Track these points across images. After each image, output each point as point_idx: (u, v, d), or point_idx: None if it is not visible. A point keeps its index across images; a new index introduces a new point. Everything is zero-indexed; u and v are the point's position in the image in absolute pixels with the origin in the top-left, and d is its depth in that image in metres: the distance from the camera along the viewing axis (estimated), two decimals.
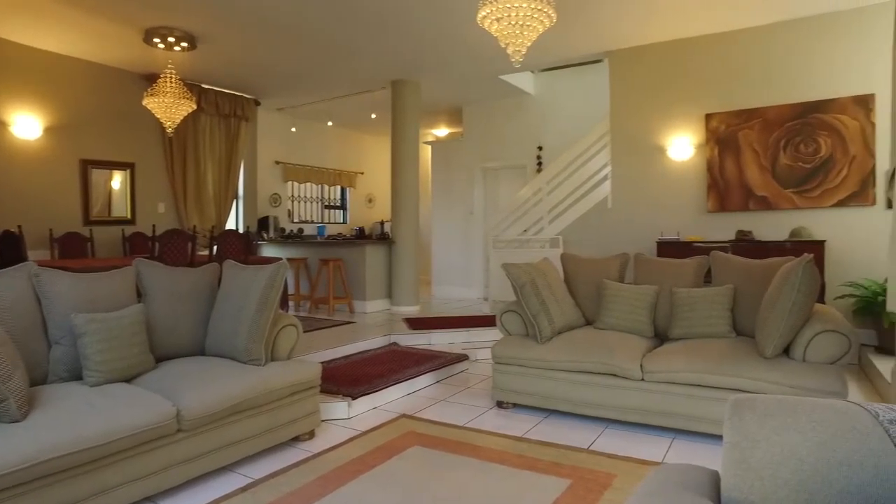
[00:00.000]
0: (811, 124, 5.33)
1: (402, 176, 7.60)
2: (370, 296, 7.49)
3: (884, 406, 1.47)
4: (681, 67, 6.06)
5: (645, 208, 6.26)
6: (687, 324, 3.68)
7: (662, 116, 6.16)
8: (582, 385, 3.57)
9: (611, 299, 3.96)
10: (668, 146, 6.12)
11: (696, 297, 3.71)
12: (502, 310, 4.11)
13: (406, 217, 7.61)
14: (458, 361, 4.95)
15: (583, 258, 4.41)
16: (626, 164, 6.38)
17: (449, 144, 9.70)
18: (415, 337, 5.75)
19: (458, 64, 6.93)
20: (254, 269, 3.15)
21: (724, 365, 3.16)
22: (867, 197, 5.15)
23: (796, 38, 5.49)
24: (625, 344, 3.57)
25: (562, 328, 3.89)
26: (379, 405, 3.94)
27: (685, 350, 3.39)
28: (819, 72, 5.39)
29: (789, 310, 3.05)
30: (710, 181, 5.84)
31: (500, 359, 3.87)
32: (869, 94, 5.14)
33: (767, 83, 5.61)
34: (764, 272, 3.64)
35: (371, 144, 11.85)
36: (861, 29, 5.22)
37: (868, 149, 5.14)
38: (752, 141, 5.60)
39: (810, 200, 5.36)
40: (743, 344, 3.39)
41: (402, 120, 7.61)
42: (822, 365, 3.07)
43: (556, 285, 4.06)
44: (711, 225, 5.88)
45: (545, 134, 8.42)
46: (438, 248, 9.58)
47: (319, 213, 10.88)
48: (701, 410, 3.21)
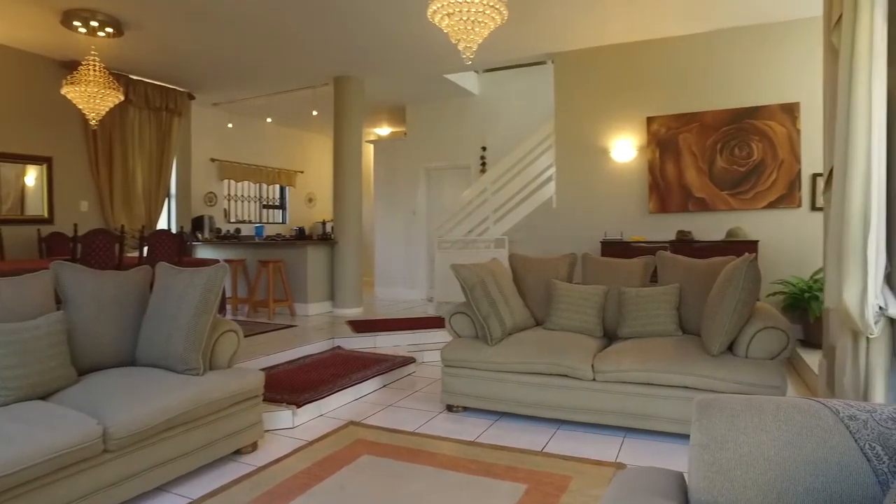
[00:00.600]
0: (745, 129, 5.56)
1: (345, 175, 7.42)
2: (312, 298, 7.26)
3: (842, 402, 1.48)
4: (624, 71, 6.18)
5: (589, 209, 6.35)
6: (635, 323, 3.72)
7: (606, 119, 6.26)
8: (533, 387, 3.54)
9: (560, 300, 3.96)
10: (611, 148, 6.23)
11: (644, 296, 3.76)
12: (451, 311, 4.03)
13: (349, 217, 7.42)
14: (405, 364, 4.85)
15: (531, 258, 4.39)
16: (570, 165, 6.45)
17: (392, 144, 9.57)
18: (359, 340, 5.59)
19: (404, 62, 6.82)
20: (190, 272, 2.92)
21: (672, 363, 3.21)
22: (794, 199, 5.42)
23: (732, 46, 5.71)
24: (576, 344, 3.57)
25: (512, 329, 3.85)
26: (325, 412, 3.78)
27: (634, 349, 3.42)
28: (751, 79, 5.63)
29: (734, 308, 3.13)
30: (652, 182, 5.99)
31: (450, 362, 3.79)
32: (795, 103, 5.42)
33: (705, 89, 5.81)
34: (707, 271, 3.73)
35: (312, 143, 11.54)
36: (789, 41, 5.49)
37: (794, 154, 5.41)
38: (690, 144, 5.79)
39: (744, 202, 5.59)
40: (689, 342, 3.45)
41: (345, 118, 7.42)
42: (763, 360, 3.17)
43: (505, 286, 4.02)
44: (653, 225, 6.02)
45: (489, 134, 8.43)
46: (381, 249, 9.43)
47: (257, 213, 10.48)
48: (651, 409, 3.24)
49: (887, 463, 1.35)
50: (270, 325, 6.31)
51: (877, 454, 1.36)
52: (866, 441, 1.38)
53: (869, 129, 2.38)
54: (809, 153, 5.35)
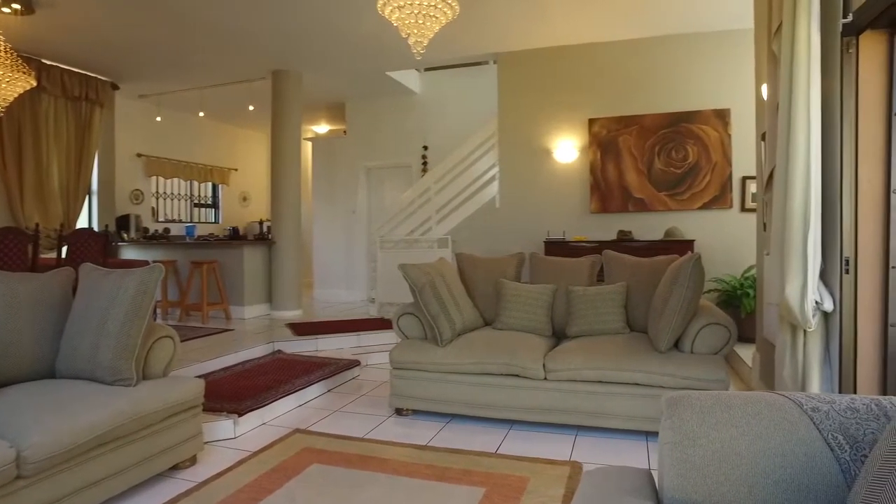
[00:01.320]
0: (681, 133, 5.77)
1: (283, 173, 7.16)
2: (249, 300, 6.95)
3: (804, 395, 1.51)
4: (567, 73, 6.27)
5: (532, 209, 6.40)
6: (584, 321, 3.75)
7: (549, 119, 6.34)
8: (485, 387, 3.50)
9: (509, 299, 3.95)
10: (554, 148, 6.31)
11: (592, 295, 3.80)
12: (399, 313, 3.94)
13: (287, 216, 7.17)
14: (350, 367, 4.71)
15: (479, 258, 4.36)
16: (513, 165, 6.49)
17: (331, 141, 9.35)
18: (301, 343, 5.39)
19: (345, 57, 6.65)
20: (120, 273, 2.69)
21: (622, 361, 3.25)
22: (726, 201, 5.68)
23: (670, 53, 5.92)
24: (526, 344, 3.55)
25: (462, 330, 3.80)
26: (268, 420, 3.59)
27: (584, 348, 3.44)
28: (687, 85, 5.86)
29: (680, 306, 3.21)
30: (593, 183, 6.11)
31: (399, 364, 3.70)
32: (726, 109, 5.70)
33: (644, 93, 5.99)
34: (652, 270, 3.82)
35: (247, 139, 11.09)
36: (722, 50, 5.75)
37: (726, 157, 5.67)
38: (630, 146, 5.95)
39: (681, 203, 5.80)
40: (637, 339, 3.51)
41: (283, 113, 7.16)
42: (707, 356, 3.26)
43: (454, 286, 3.96)
44: (595, 225, 6.14)
45: (431, 133, 8.37)
46: (320, 249, 9.20)
47: (188, 212, 9.97)
48: (602, 406, 3.27)
49: (849, 452, 1.38)
50: (205, 329, 5.98)
51: (839, 444, 1.39)
52: (829, 431, 1.41)
53: (808, 132, 2.49)
54: (739, 157, 5.61)
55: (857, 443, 1.38)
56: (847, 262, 2.56)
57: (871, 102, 2.53)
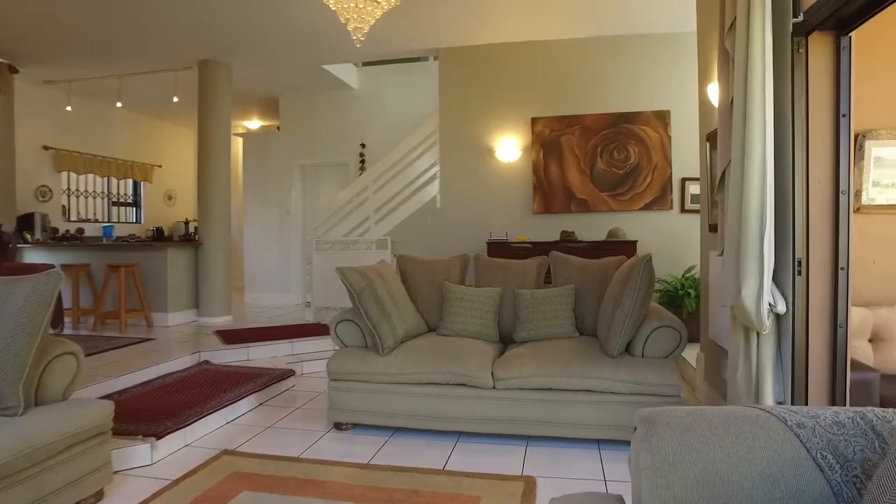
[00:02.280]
0: (623, 133, 5.78)
1: (211, 170, 6.70)
2: (173, 307, 6.45)
3: (786, 409, 1.40)
4: (510, 71, 6.17)
5: (474, 209, 6.27)
6: (532, 326, 3.62)
7: (491, 117, 6.22)
8: (430, 398, 3.30)
9: (454, 303, 3.76)
10: (496, 147, 6.20)
11: (540, 298, 3.68)
12: (337, 319, 3.67)
13: (216, 216, 6.71)
14: (284, 378, 4.39)
15: (421, 259, 4.16)
16: (454, 163, 6.34)
17: (263, 138, 8.92)
18: (230, 352, 5.01)
19: (278, 48, 6.28)
20: (6, 282, 2.29)
21: (574, 367, 3.13)
22: (667, 202, 5.74)
23: (612, 53, 5.92)
24: (473, 350, 3.38)
25: (404, 337, 3.59)
26: (192, 441, 3.25)
27: (533, 353, 3.30)
28: (629, 86, 5.88)
29: (631, 309, 3.12)
30: (536, 183, 6.03)
31: (337, 375, 3.44)
32: (666, 110, 5.75)
33: (587, 92, 5.97)
34: (601, 271, 3.73)
35: (172, 134, 10.40)
36: (662, 52, 5.80)
37: (666, 159, 5.72)
38: (573, 146, 5.91)
39: (623, 203, 5.81)
40: (587, 343, 3.41)
41: (210, 106, 6.70)
42: (659, 359, 3.19)
43: (396, 290, 3.74)
44: (538, 225, 6.07)
45: (369, 131, 8.12)
46: (252, 251, 8.74)
47: (105, 211, 9.22)
48: (552, 414, 3.14)
49: (839, 472, 1.27)
50: (122, 339, 5.47)
51: (829, 464, 1.28)
52: (817, 450, 1.30)
53: (764, 131, 2.43)
54: (679, 158, 5.68)
55: (847, 462, 1.27)
56: (799, 263, 2.52)
57: (820, 103, 2.50)
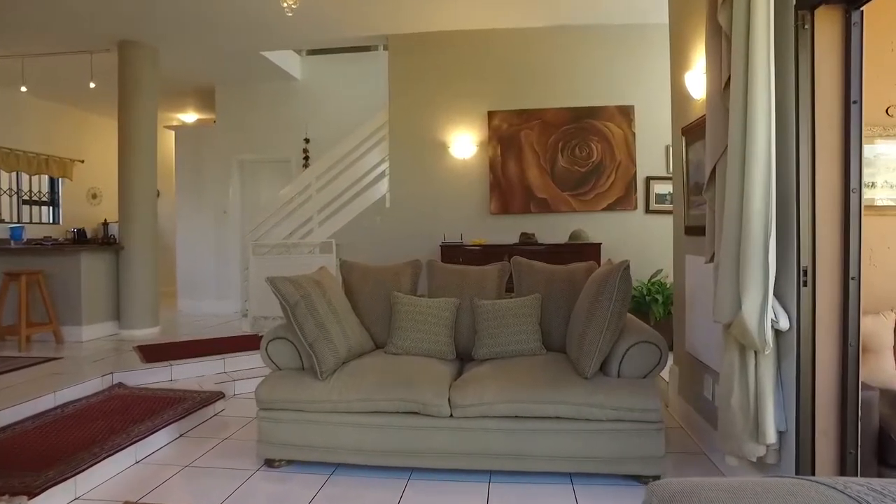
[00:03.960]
0: (585, 129, 5.47)
1: (135, 166, 6.00)
2: (89, 318, 5.72)
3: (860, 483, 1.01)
4: (465, 60, 5.79)
5: (426, 209, 5.87)
6: (493, 342, 3.19)
7: (444, 111, 5.83)
8: (378, 429, 2.83)
9: (404, 317, 3.30)
10: (450, 143, 5.82)
11: (502, 309, 3.25)
12: (268, 337, 3.15)
13: (140, 217, 6.02)
14: (211, 402, 3.83)
15: (367, 266, 3.68)
16: (404, 160, 5.91)
17: (198, 131, 8.22)
18: (150, 372, 4.38)
19: (209, 30, 5.65)
20: None
21: (542, 391, 2.72)
22: (631, 202, 5.46)
23: (574, 44, 5.60)
24: (426, 372, 2.93)
25: (347, 357, 3.10)
26: (84, 493, 2.66)
27: (496, 375, 2.88)
28: (592, 79, 5.58)
29: (607, 323, 2.73)
30: (493, 181, 5.66)
31: (268, 403, 2.93)
32: (630, 106, 5.50)
33: (547, 85, 5.63)
34: (569, 279, 3.35)
35: (96, 126, 9.49)
36: (627, 44, 5.52)
37: (631, 157, 5.44)
38: (532, 142, 5.56)
39: (585, 203, 5.50)
40: (557, 362, 3.00)
41: (133, 95, 6.00)
42: (637, 380, 2.82)
43: (337, 302, 3.25)
44: (495, 227, 5.72)
45: (314, 125, 7.55)
46: (186, 254, 8.03)
47: (15, 211, 8.28)
48: (518, 445, 2.73)
49: None
50: (21, 359, 4.74)
51: None
52: None
53: (769, 118, 2.08)
54: (643, 156, 5.44)
55: None
56: (805, 272, 2.18)
57: (828, 88, 2.17)
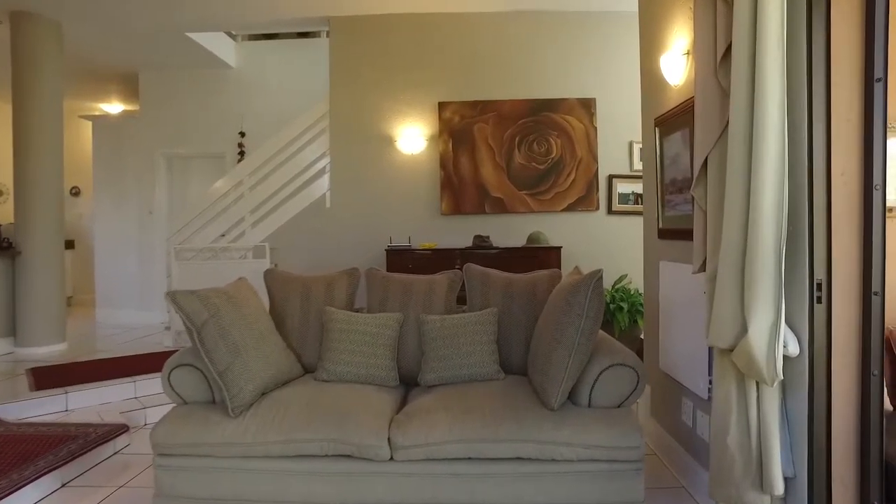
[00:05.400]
0: (543, 123, 5.19)
1: (34, 159, 5.25)
2: None
3: None
4: (414, 47, 5.39)
5: (371, 209, 5.45)
6: (443, 365, 2.71)
7: (391, 101, 5.41)
8: (303, 477, 2.32)
9: (338, 336, 2.78)
10: (397, 136, 5.41)
11: (453, 326, 2.78)
12: (172, 364, 2.57)
13: (42, 218, 5.26)
14: (110, 438, 3.21)
15: (296, 276, 3.14)
16: (347, 155, 5.47)
17: (120, 122, 7.50)
18: (39, 402, 3.70)
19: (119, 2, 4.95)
20: None
21: (501, 426, 2.26)
22: (592, 202, 5.19)
23: (531, 31, 5.28)
24: (363, 404, 2.43)
25: (268, 386, 2.56)
26: None
27: (446, 406, 2.40)
28: (551, 69, 5.27)
29: (576, 344, 2.30)
30: (444, 179, 5.26)
31: (168, 448, 2.37)
32: (591, 98, 5.25)
33: (503, 75, 5.32)
34: (530, 289, 2.90)
35: None
36: (588, 32, 5.23)
37: (592, 153, 5.16)
38: (487, 136, 5.21)
39: (544, 204, 5.20)
40: (517, 389, 2.55)
41: (31, 76, 5.25)
42: (612, 411, 2.39)
43: (256, 319, 2.70)
44: (447, 229, 5.35)
45: (250, 118, 6.97)
46: (104, 259, 7.29)
47: None
48: (472, 493, 2.27)
49: None
50: None
51: None
52: None
53: (782, 93, 1.68)
54: (605, 153, 5.18)
55: None
56: (819, 286, 1.79)
57: (845, 62, 1.79)
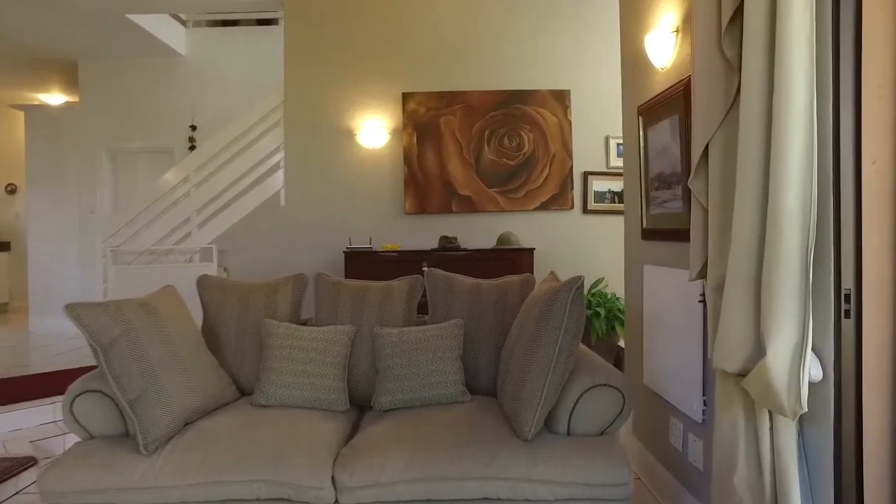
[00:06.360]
0: (515, 116, 4.94)
1: None
2: None
3: None
4: (376, 33, 5.08)
5: (329, 207, 5.11)
6: (400, 385, 2.34)
7: (351, 92, 5.08)
8: None
9: (279, 352, 2.39)
10: (357, 129, 5.07)
11: (413, 340, 2.41)
12: (75, 391, 2.15)
13: None
14: (12, 474, 2.76)
15: (234, 283, 2.73)
16: (303, 149, 5.12)
17: (57, 114, 6.96)
18: None
19: None
20: None
21: (465, 461, 1.92)
22: (566, 201, 4.98)
23: (501, 17, 5.04)
24: (304, 434, 2.07)
25: (191, 415, 2.16)
26: None
27: (402, 436, 2.04)
28: (523, 58, 5.04)
29: (554, 362, 1.97)
30: (409, 175, 4.96)
31: (59, 497, 1.96)
32: (566, 90, 5.01)
33: (472, 64, 5.05)
34: (499, 297, 2.57)
35: None
36: (563, 18, 5.00)
37: (566, 148, 4.95)
38: (454, 129, 4.94)
39: (515, 202, 4.95)
40: (485, 414, 2.20)
41: None
42: (593, 439, 2.07)
43: (182, 335, 2.29)
44: (411, 229, 5.04)
45: (202, 110, 6.57)
46: (39, 263, 6.75)
47: None
48: None
49: None
50: None
51: None
52: None
53: (811, 60, 1.37)
54: (580, 148, 4.97)
55: None
56: (847, 298, 1.48)
57: (879, 29, 1.49)
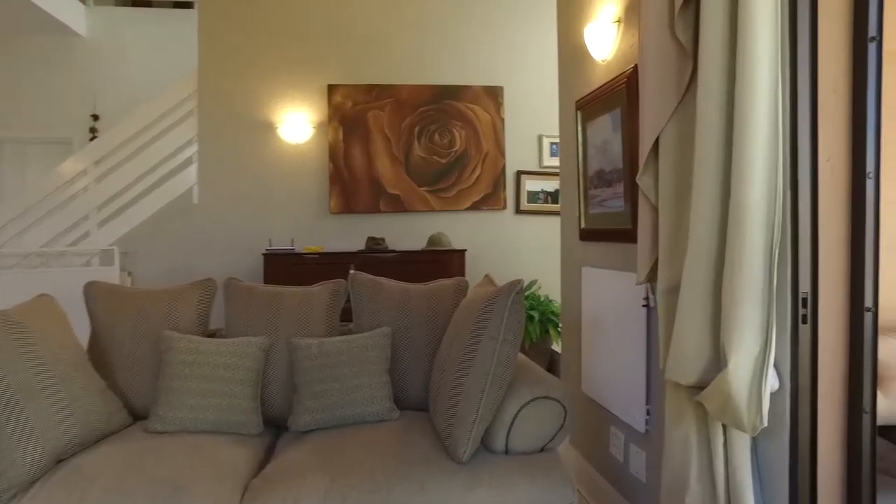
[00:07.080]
0: (446, 112, 4.86)
1: None
2: None
3: None
4: (299, 18, 4.84)
5: (248, 206, 4.81)
6: (321, 403, 2.10)
7: (272, 82, 4.82)
8: None
9: (180, 369, 2.09)
10: (279, 122, 4.81)
11: (335, 352, 2.17)
12: None
13: None
14: None
15: (129, 290, 2.40)
16: (219, 142, 4.79)
17: None
18: None
19: None
20: None
21: (396, 488, 1.72)
22: (499, 200, 4.95)
23: (434, 7, 4.91)
24: (207, 465, 1.80)
25: (64, 450, 1.83)
26: None
27: (322, 462, 1.81)
28: (455, 52, 4.94)
29: (491, 374, 1.80)
30: (334, 172, 4.76)
31: None
32: (499, 87, 4.93)
33: (402, 56, 4.90)
34: (431, 303, 2.37)
35: None
36: (496, 12, 4.91)
37: (499, 147, 4.91)
38: (383, 125, 4.78)
39: (446, 202, 4.87)
40: (415, 433, 2.00)
41: None
42: (533, 456, 1.91)
43: (57, 354, 1.96)
44: (336, 230, 4.82)
45: (106, 97, 6.03)
46: None
47: None
48: None
49: None
50: None
51: None
52: None
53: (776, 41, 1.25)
54: (513, 147, 4.97)
55: None
56: (805, 302, 1.39)
57: (833, 19, 1.41)
